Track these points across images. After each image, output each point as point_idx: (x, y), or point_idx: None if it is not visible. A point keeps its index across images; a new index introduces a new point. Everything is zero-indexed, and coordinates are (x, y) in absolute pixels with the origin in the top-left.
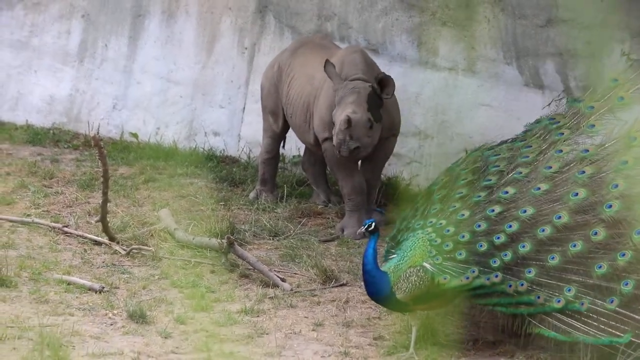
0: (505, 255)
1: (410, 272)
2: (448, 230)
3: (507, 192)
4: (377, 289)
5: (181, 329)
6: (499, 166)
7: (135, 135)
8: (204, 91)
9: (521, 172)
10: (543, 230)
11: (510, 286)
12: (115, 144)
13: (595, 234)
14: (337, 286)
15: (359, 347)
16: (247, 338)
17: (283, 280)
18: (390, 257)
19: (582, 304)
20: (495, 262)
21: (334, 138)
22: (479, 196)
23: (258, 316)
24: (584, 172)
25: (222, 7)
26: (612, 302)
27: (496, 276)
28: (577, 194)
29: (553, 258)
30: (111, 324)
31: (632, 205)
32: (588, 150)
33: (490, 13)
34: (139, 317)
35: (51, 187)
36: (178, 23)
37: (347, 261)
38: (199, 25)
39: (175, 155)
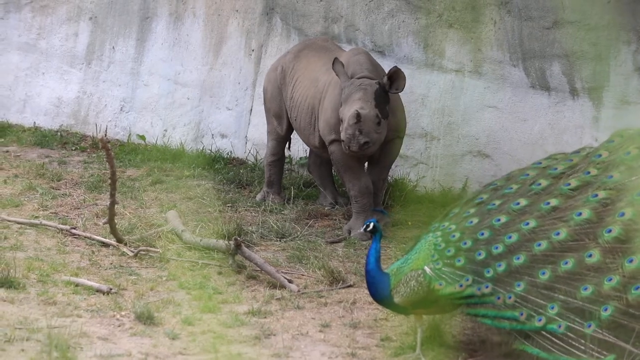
0: (500, 265)
1: (410, 275)
2: (454, 236)
3: (518, 204)
4: (376, 291)
5: (189, 330)
6: (529, 175)
7: (142, 137)
8: (211, 93)
9: (540, 184)
10: (539, 245)
11: (498, 298)
12: (123, 146)
13: (590, 256)
14: (344, 287)
15: (366, 348)
16: (255, 339)
17: (290, 281)
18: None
19: (560, 326)
20: (489, 272)
21: (343, 134)
22: (494, 204)
23: (265, 317)
24: (596, 195)
25: (229, 9)
26: (589, 326)
27: (487, 287)
28: (580, 214)
29: (544, 273)
30: (119, 326)
31: (633, 236)
32: (612, 177)
33: (496, 15)
34: (146, 319)
35: (59, 189)
36: (185, 25)
37: (354, 262)
38: (206, 28)
39: (182, 157)
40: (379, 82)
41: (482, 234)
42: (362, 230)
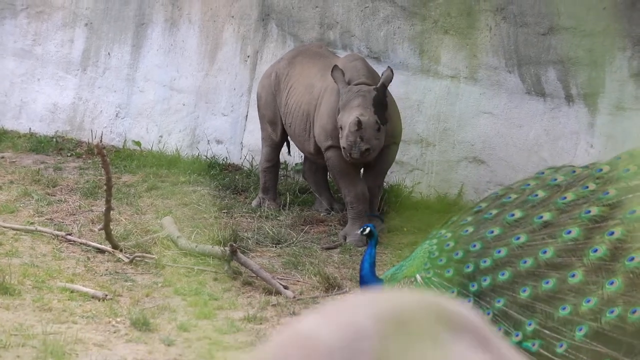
0: (485, 280)
1: (403, 283)
2: (448, 245)
3: (513, 215)
4: None
5: (184, 336)
6: (530, 185)
7: (138, 143)
8: (207, 99)
9: (537, 195)
10: (525, 262)
11: None
12: (118, 152)
13: (573, 276)
14: (339, 293)
15: None
16: (250, 345)
17: (286, 287)
18: None
19: (534, 344)
20: (473, 285)
21: (344, 141)
22: (490, 213)
23: (261, 324)
24: (589, 211)
25: (224, 16)
26: (561, 346)
27: (469, 301)
28: (569, 232)
29: (525, 291)
30: (114, 332)
31: (619, 255)
32: (608, 193)
33: (492, 21)
34: (142, 325)
35: (54, 195)
36: (181, 31)
37: (350, 268)
38: (202, 34)
39: (178, 163)
40: (376, 88)
41: (474, 245)
42: (358, 233)
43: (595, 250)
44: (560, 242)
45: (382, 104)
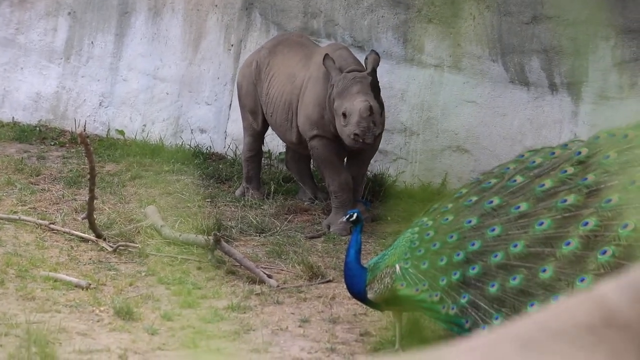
0: (455, 274)
1: (385, 272)
2: (428, 234)
3: (491, 202)
4: (351, 284)
5: (168, 325)
6: (509, 168)
7: (121, 132)
8: (190, 88)
9: (515, 181)
10: (496, 256)
11: (443, 307)
12: (102, 141)
13: (544, 271)
14: (323, 282)
15: (345, 343)
16: (234, 334)
17: (269, 276)
18: None
19: None
20: (443, 280)
21: (354, 127)
22: (470, 200)
23: (245, 312)
24: (565, 200)
25: (208, 4)
26: None
27: (436, 295)
28: (542, 224)
29: (493, 286)
30: (98, 321)
31: (593, 247)
32: (587, 179)
33: (475, 10)
34: (125, 314)
35: (38, 184)
36: (164, 20)
37: (334, 257)
38: (185, 22)
39: (161, 152)
40: (369, 73)
41: (451, 236)
42: (344, 219)
43: (568, 244)
44: (532, 235)
45: (378, 88)
